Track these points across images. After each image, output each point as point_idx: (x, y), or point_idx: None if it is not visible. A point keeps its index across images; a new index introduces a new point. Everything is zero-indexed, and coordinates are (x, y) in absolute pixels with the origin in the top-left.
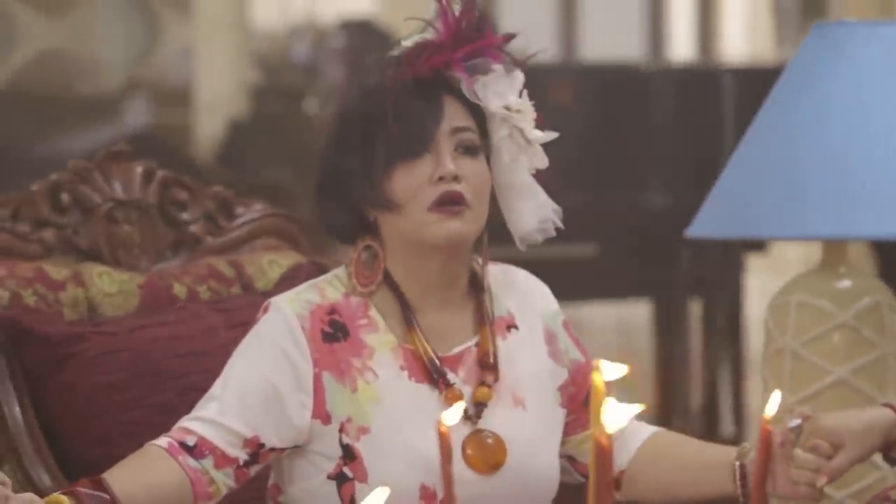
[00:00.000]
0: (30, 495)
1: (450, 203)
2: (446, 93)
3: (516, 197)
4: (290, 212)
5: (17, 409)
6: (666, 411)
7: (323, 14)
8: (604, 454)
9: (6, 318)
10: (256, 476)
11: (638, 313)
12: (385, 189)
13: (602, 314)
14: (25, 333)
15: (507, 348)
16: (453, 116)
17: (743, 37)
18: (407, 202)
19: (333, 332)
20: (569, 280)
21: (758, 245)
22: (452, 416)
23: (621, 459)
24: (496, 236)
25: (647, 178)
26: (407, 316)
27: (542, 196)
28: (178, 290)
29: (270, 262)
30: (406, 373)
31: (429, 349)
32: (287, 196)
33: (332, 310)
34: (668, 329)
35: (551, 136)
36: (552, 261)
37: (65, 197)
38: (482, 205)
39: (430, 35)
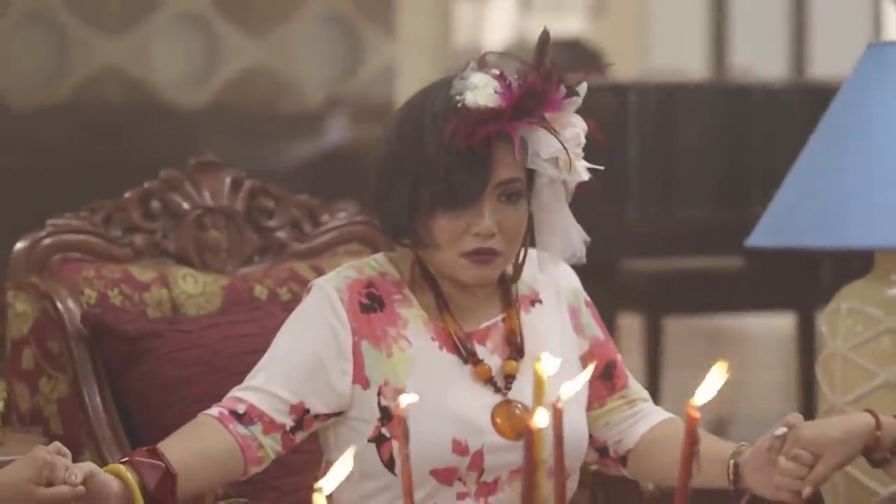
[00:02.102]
0: (89, 464)
1: (482, 254)
2: (499, 141)
3: (549, 234)
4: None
5: (97, 400)
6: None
7: (533, 33)
8: (532, 438)
9: (91, 315)
10: (308, 468)
11: (784, 325)
12: (426, 227)
13: (748, 325)
14: (106, 330)
15: (531, 320)
16: (502, 169)
17: None
18: (444, 246)
19: (370, 303)
20: (716, 292)
21: None
22: (408, 398)
23: (631, 439)
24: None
25: None
26: (439, 303)
27: (574, 233)
28: (260, 291)
29: None
30: (437, 343)
31: (459, 329)
32: None
33: (370, 284)
34: (810, 340)
35: (594, 167)
36: (699, 272)
37: (155, 204)
38: (514, 247)
39: (492, 103)
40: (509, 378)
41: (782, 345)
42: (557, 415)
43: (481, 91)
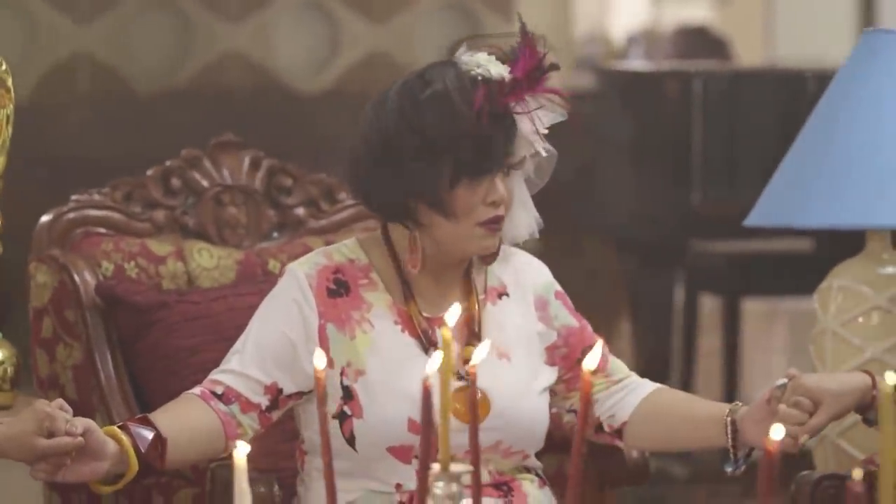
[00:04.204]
0: (87, 419)
1: (496, 222)
2: (511, 118)
3: (518, 209)
4: None
5: (109, 367)
6: None
7: (661, 22)
8: (426, 392)
9: (104, 286)
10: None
11: None
12: (447, 198)
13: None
14: (118, 301)
15: (497, 311)
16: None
17: None
18: (461, 217)
19: (337, 288)
20: (789, 273)
21: None
22: (320, 358)
23: (624, 412)
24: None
25: None
26: (405, 291)
27: (532, 209)
28: (273, 266)
29: None
30: (399, 326)
31: (423, 321)
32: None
33: (337, 270)
34: None
35: (552, 151)
36: (773, 254)
37: (175, 181)
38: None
39: (506, 73)
40: (468, 362)
41: None
42: (472, 378)
43: (493, 65)
